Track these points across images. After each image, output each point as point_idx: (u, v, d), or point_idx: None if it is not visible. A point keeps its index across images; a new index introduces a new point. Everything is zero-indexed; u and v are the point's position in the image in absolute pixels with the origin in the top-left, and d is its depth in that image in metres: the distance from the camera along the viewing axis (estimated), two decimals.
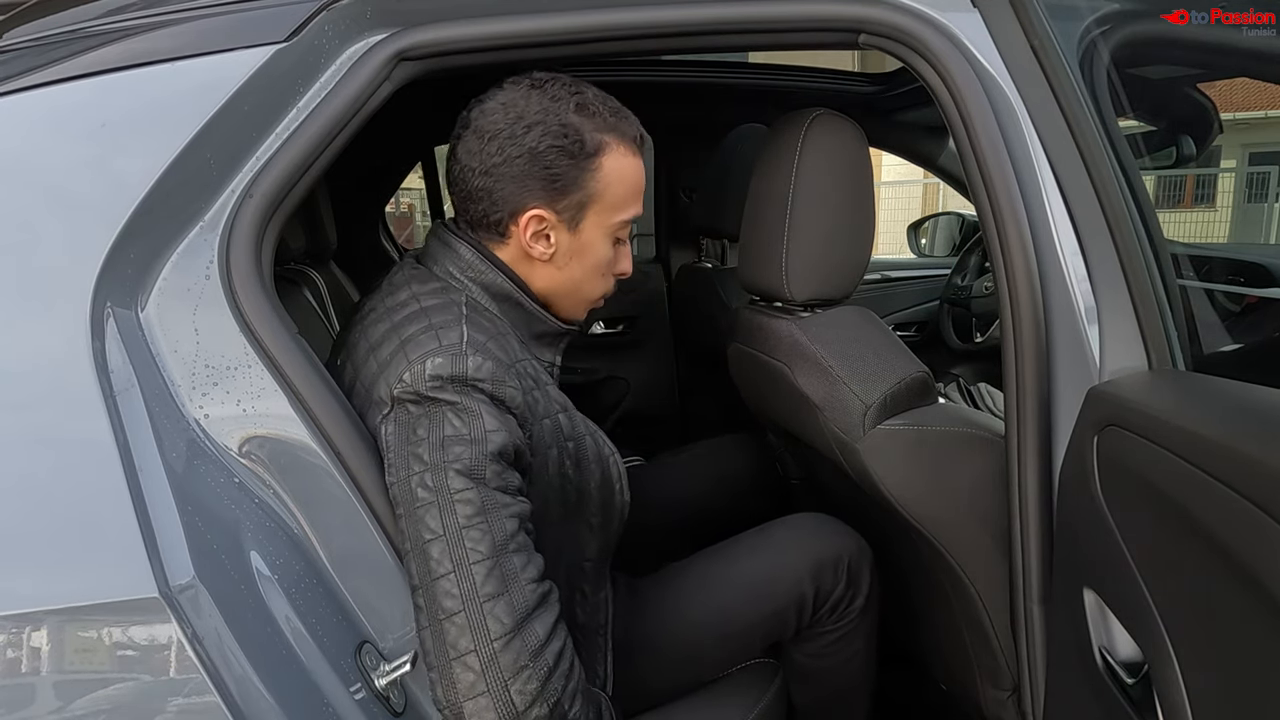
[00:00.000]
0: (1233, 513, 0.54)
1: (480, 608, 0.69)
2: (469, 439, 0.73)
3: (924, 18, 0.83)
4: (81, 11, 0.78)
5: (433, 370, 0.74)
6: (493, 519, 0.72)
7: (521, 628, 0.70)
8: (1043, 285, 0.82)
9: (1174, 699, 0.62)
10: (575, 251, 0.88)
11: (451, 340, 0.77)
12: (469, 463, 0.72)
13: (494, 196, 0.84)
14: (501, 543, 0.72)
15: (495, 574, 0.70)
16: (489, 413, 0.75)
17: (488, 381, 0.76)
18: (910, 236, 2.61)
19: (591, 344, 2.23)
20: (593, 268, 0.90)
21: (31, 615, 0.60)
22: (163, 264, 0.72)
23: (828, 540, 1.09)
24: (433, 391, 0.74)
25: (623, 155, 0.86)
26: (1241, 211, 8.85)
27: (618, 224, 0.89)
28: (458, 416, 0.74)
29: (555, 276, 0.89)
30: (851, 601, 1.07)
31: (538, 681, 0.70)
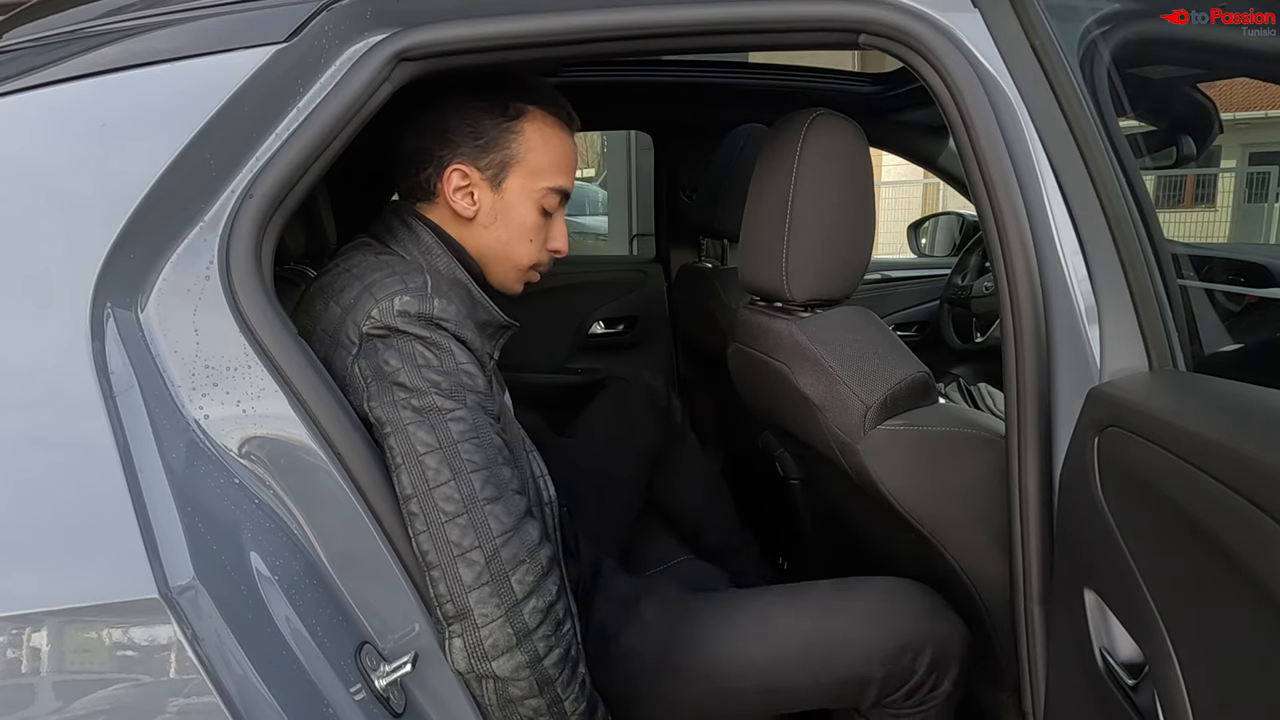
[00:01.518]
0: (1233, 513, 0.54)
1: (481, 509, 0.75)
2: (442, 369, 0.78)
3: (924, 18, 0.83)
4: (81, 11, 0.77)
5: (400, 306, 0.79)
6: (483, 435, 0.78)
7: (519, 527, 0.77)
8: (1043, 285, 0.82)
9: (1174, 699, 0.62)
10: (499, 211, 0.94)
11: (417, 284, 0.81)
12: (449, 388, 0.78)
13: (423, 155, 0.92)
14: (493, 455, 0.78)
15: (491, 481, 0.76)
16: (458, 348, 0.80)
17: (452, 323, 0.81)
18: (910, 236, 2.61)
19: (591, 344, 2.23)
20: (518, 230, 0.95)
21: (31, 616, 0.60)
22: (163, 264, 0.72)
23: (917, 621, 0.97)
24: (403, 325, 0.78)
25: (546, 125, 0.94)
26: (1241, 211, 8.85)
27: (541, 190, 0.94)
28: (428, 349, 0.79)
29: (483, 236, 0.95)
30: (933, 689, 0.96)
31: (535, 574, 0.76)
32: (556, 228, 0.99)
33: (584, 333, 2.21)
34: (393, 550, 0.77)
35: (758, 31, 0.87)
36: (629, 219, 3.41)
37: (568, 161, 0.98)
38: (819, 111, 1.02)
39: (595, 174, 6.54)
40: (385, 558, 0.76)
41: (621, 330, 2.25)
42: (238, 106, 0.74)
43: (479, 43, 0.82)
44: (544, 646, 0.77)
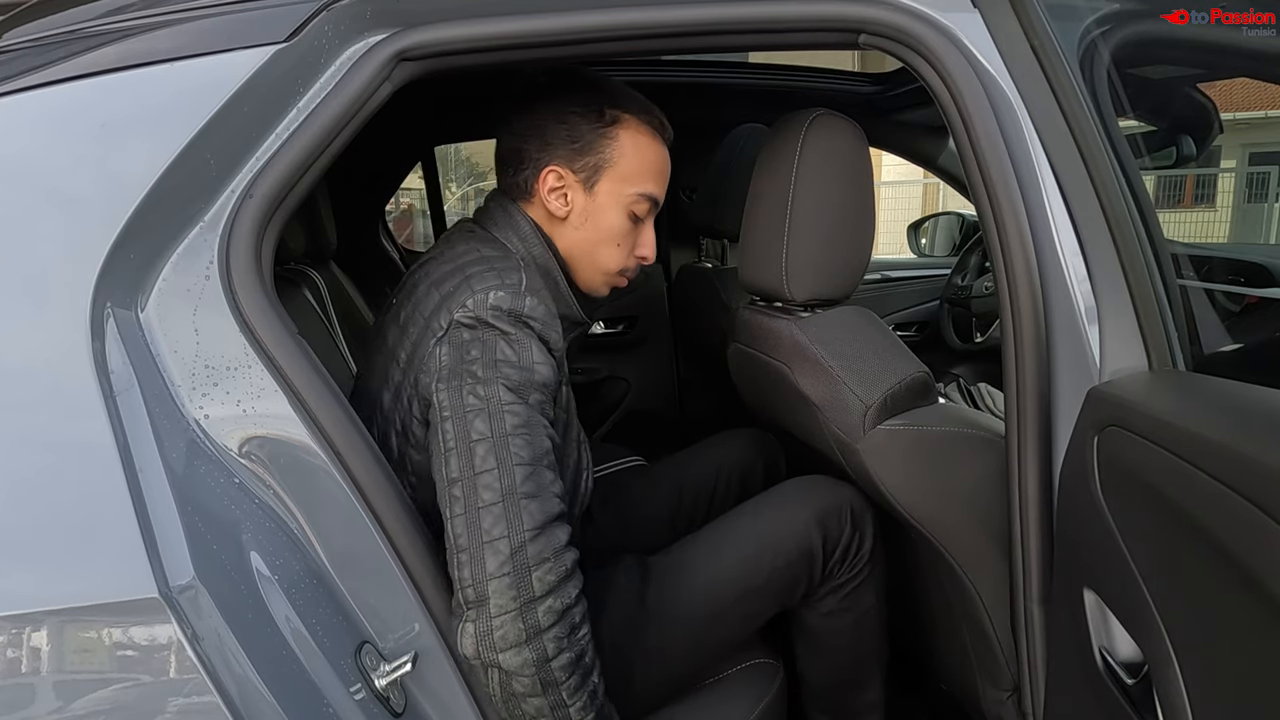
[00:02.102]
0: (1233, 513, 0.54)
1: (518, 504, 0.77)
2: (517, 365, 0.82)
3: (924, 18, 0.83)
4: (81, 12, 0.77)
5: (494, 301, 0.83)
6: (534, 433, 0.80)
7: (549, 527, 0.78)
8: (1043, 285, 0.82)
9: (1174, 699, 0.62)
10: (590, 213, 0.98)
11: (512, 281, 0.86)
12: (516, 382, 0.81)
13: (522, 155, 0.97)
14: (539, 455, 0.80)
15: (533, 479, 0.78)
16: (537, 348, 0.84)
17: (539, 322, 0.85)
18: (910, 236, 2.61)
19: (591, 344, 2.23)
20: (607, 233, 0.99)
21: (32, 616, 0.60)
22: (163, 264, 0.72)
23: (827, 491, 1.10)
24: (492, 319, 0.83)
25: (640, 132, 0.99)
26: (1241, 211, 8.85)
27: (631, 196, 0.98)
28: (509, 345, 0.82)
29: (572, 237, 0.99)
30: (860, 547, 1.07)
31: (556, 575, 0.77)
32: (645, 235, 1.03)
33: (584, 333, 2.21)
34: (393, 550, 0.77)
35: (758, 31, 0.87)
36: None
37: (659, 169, 1.02)
38: (819, 111, 1.02)
39: None
40: (385, 558, 0.76)
41: (621, 330, 2.25)
42: (238, 106, 0.74)
43: (479, 43, 0.82)
44: (554, 648, 0.77)
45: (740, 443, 1.38)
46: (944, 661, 1.21)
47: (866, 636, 1.12)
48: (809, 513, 1.07)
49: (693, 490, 1.32)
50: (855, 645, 1.12)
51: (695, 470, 1.35)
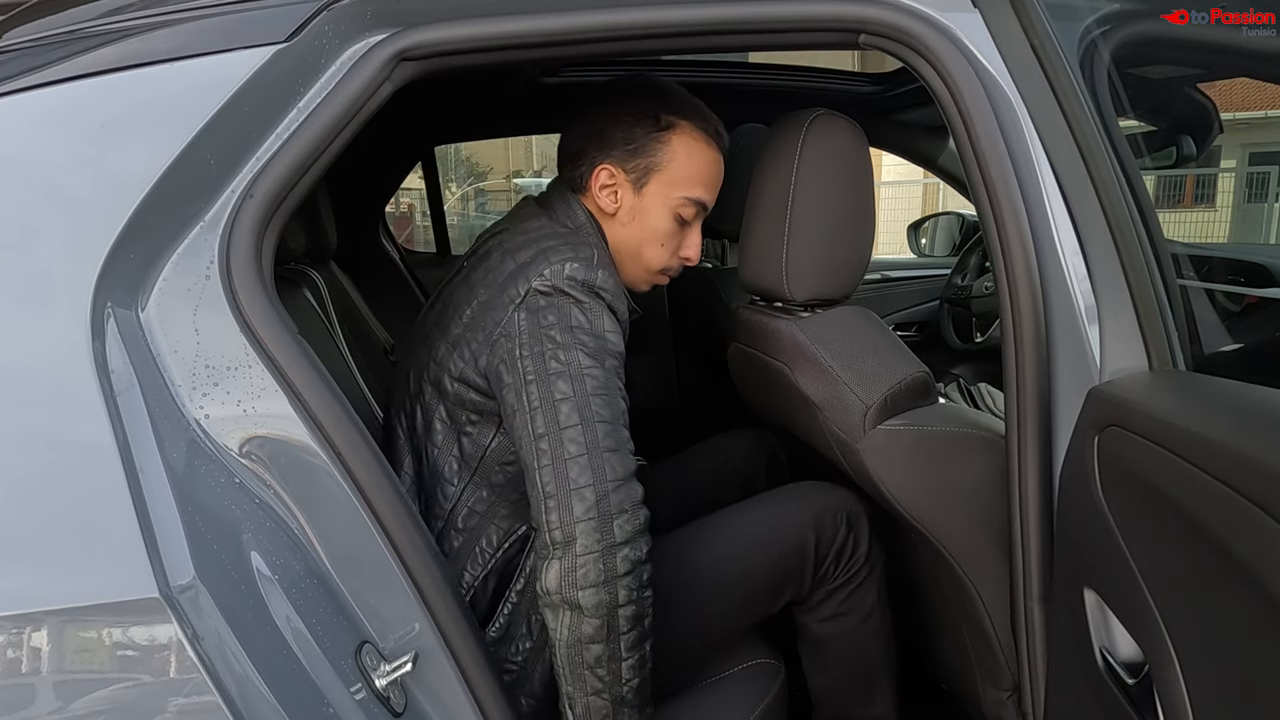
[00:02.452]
0: (1233, 513, 0.54)
1: (601, 456, 0.82)
2: (591, 332, 0.88)
3: (924, 18, 0.83)
4: (81, 11, 0.77)
5: (570, 272, 0.89)
6: (612, 395, 0.86)
7: (628, 481, 0.84)
8: (1043, 285, 0.82)
9: (1175, 699, 0.62)
10: (637, 212, 1.03)
11: (586, 255, 0.91)
12: (593, 348, 0.87)
13: (581, 152, 1.03)
14: (617, 414, 0.86)
15: (613, 435, 0.84)
16: (608, 318, 0.90)
17: (609, 294, 0.91)
18: (910, 236, 2.61)
19: None
20: (652, 233, 1.04)
21: (32, 615, 0.60)
22: (163, 264, 0.72)
23: (825, 493, 1.12)
24: (569, 288, 0.88)
25: (693, 138, 1.03)
26: (1241, 211, 8.85)
27: (679, 199, 1.03)
28: (583, 313, 0.88)
29: (620, 233, 1.04)
30: (855, 549, 1.09)
31: (634, 526, 0.82)
32: (691, 237, 1.07)
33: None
34: (393, 550, 0.77)
35: (758, 31, 0.87)
36: None
37: (709, 175, 1.05)
38: (819, 111, 1.02)
39: None
40: (385, 557, 0.76)
41: None
42: (238, 106, 0.74)
43: (479, 43, 0.82)
44: (624, 595, 0.81)
45: (742, 444, 1.38)
46: (944, 661, 1.21)
47: (870, 643, 1.11)
48: (803, 511, 1.08)
49: (694, 491, 1.32)
50: (859, 652, 1.11)
51: (697, 471, 1.35)
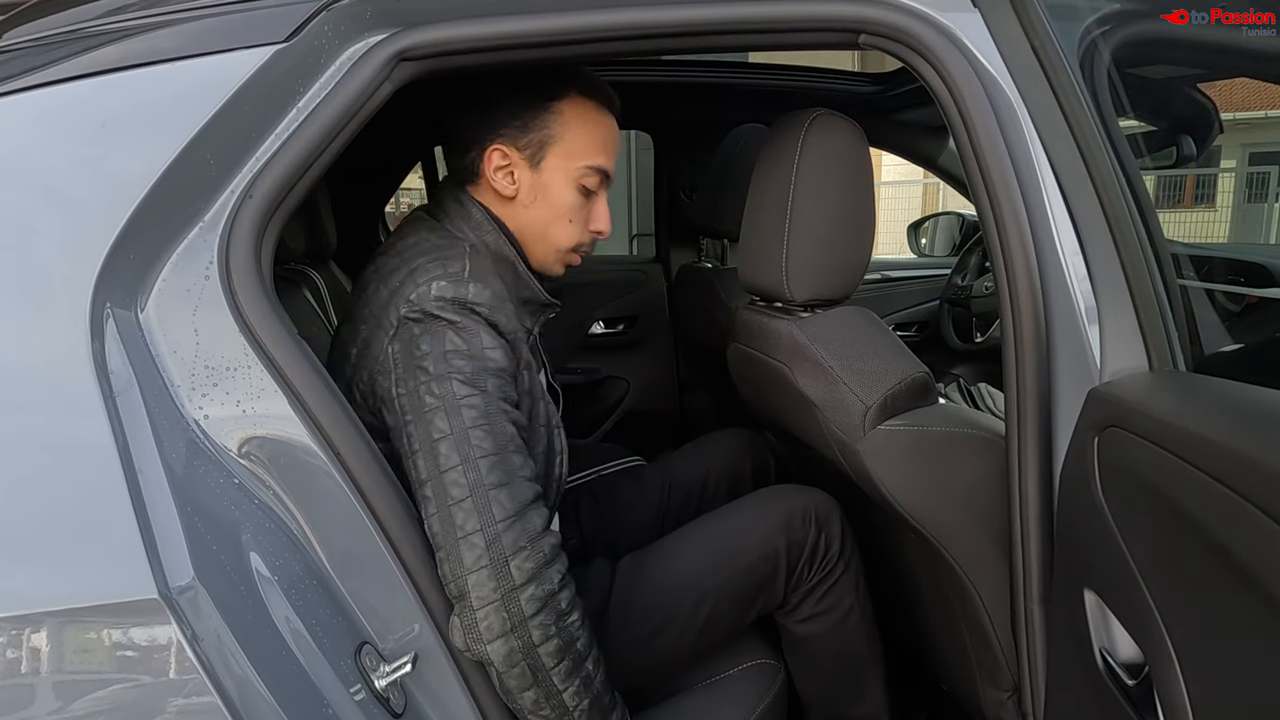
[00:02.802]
0: (1233, 513, 0.54)
1: (486, 494, 0.77)
2: (468, 354, 0.82)
3: (924, 18, 0.83)
4: (81, 11, 0.77)
5: (437, 291, 0.83)
6: (495, 422, 0.80)
7: (522, 514, 0.79)
8: (1043, 285, 0.82)
9: (1175, 700, 0.62)
10: (538, 190, 0.97)
11: (455, 269, 0.85)
12: (470, 374, 0.81)
13: (468, 142, 0.96)
14: (504, 443, 0.80)
15: (499, 468, 0.79)
16: (486, 333, 0.84)
17: (485, 307, 0.84)
18: (910, 236, 2.61)
19: (591, 344, 2.23)
20: (557, 209, 0.98)
21: (31, 616, 0.60)
22: (162, 264, 0.72)
23: (791, 496, 1.11)
24: (437, 310, 0.82)
25: (585, 105, 0.97)
26: (1241, 211, 8.85)
27: (580, 169, 0.97)
28: (458, 335, 0.82)
29: (523, 216, 0.98)
30: (828, 549, 1.08)
31: (534, 562, 0.78)
32: (598, 209, 1.02)
33: (584, 333, 2.21)
34: (393, 550, 0.77)
35: (758, 31, 0.86)
36: (629, 219, 3.41)
37: (607, 141, 1.00)
38: (819, 111, 1.02)
39: None
40: (385, 558, 0.76)
41: (621, 330, 2.25)
42: (238, 106, 0.74)
43: (479, 43, 0.82)
44: (539, 635, 0.77)
45: (729, 445, 1.38)
46: (944, 661, 1.21)
47: (852, 639, 1.11)
48: (771, 517, 1.08)
49: (681, 492, 1.32)
50: (842, 650, 1.11)
51: (684, 473, 1.35)
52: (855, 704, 1.14)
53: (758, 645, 1.13)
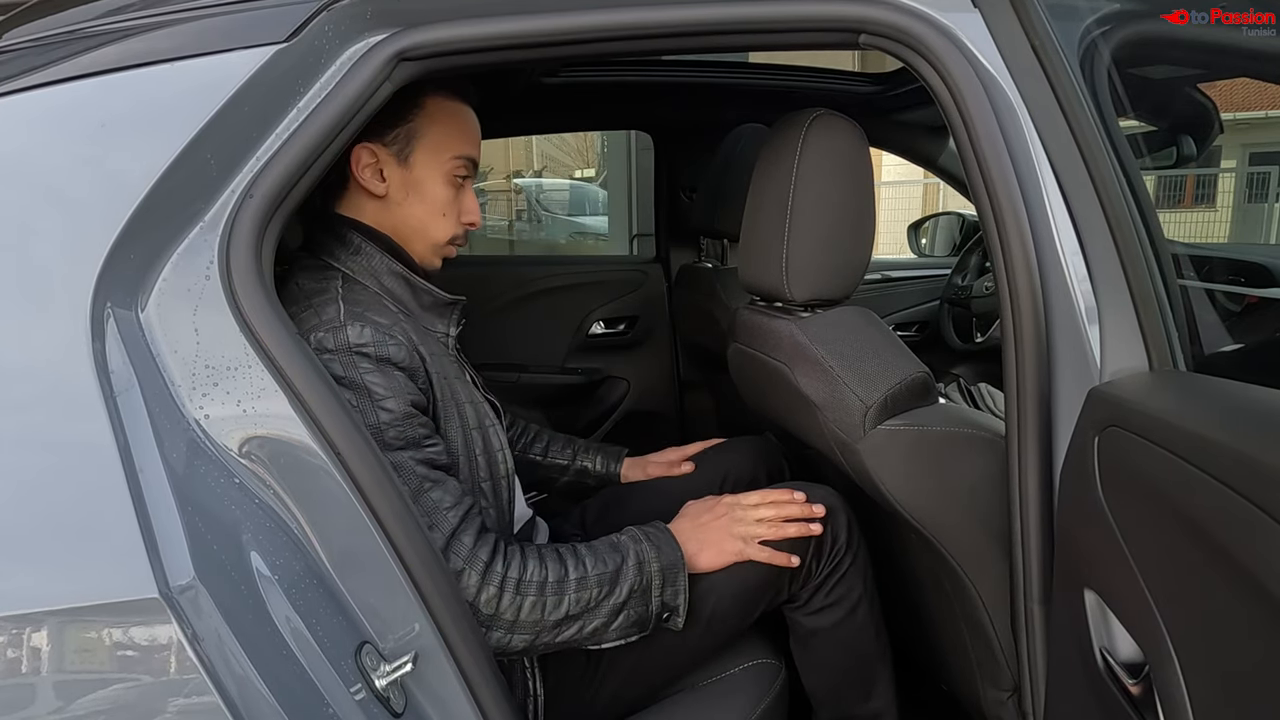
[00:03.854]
0: (1233, 513, 0.54)
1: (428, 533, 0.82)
2: (360, 408, 0.84)
3: (924, 18, 0.83)
4: (81, 11, 0.77)
5: (316, 344, 0.84)
6: (405, 471, 0.85)
7: (450, 543, 0.86)
8: (1043, 285, 0.82)
9: (1175, 700, 0.62)
10: (410, 186, 0.98)
11: (329, 314, 0.86)
12: (370, 427, 0.82)
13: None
14: (418, 486, 0.85)
15: (421, 511, 0.84)
16: (373, 381, 0.85)
17: (370, 345, 0.85)
18: (910, 236, 2.61)
19: (591, 344, 2.23)
20: (433, 204, 0.99)
21: (32, 616, 0.60)
22: (163, 264, 0.72)
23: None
24: (323, 364, 0.81)
25: (445, 97, 0.98)
26: (1241, 211, 8.84)
27: (450, 162, 0.98)
28: (347, 390, 0.84)
29: (397, 214, 0.98)
30: (834, 541, 1.08)
31: (477, 574, 0.86)
32: (467, 201, 1.03)
33: (584, 333, 2.21)
34: (393, 550, 0.77)
35: (758, 31, 0.87)
36: (629, 219, 3.41)
37: (471, 131, 1.01)
38: (819, 111, 1.02)
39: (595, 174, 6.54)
40: (385, 558, 0.76)
41: (621, 330, 2.25)
42: (238, 106, 0.74)
43: (479, 43, 0.82)
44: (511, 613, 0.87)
45: (743, 452, 1.38)
46: (944, 661, 1.21)
47: (861, 634, 1.11)
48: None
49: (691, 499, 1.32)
50: (851, 644, 1.11)
51: (698, 481, 1.34)
52: (864, 700, 1.14)
53: (758, 645, 1.13)
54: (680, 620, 0.96)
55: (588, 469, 1.37)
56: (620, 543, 0.96)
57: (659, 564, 0.95)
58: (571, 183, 6.80)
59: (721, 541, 1.02)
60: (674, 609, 0.96)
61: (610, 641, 0.94)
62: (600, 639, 0.93)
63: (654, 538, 0.98)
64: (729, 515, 1.04)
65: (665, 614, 0.96)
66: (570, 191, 6.61)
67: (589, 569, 0.92)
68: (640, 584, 0.93)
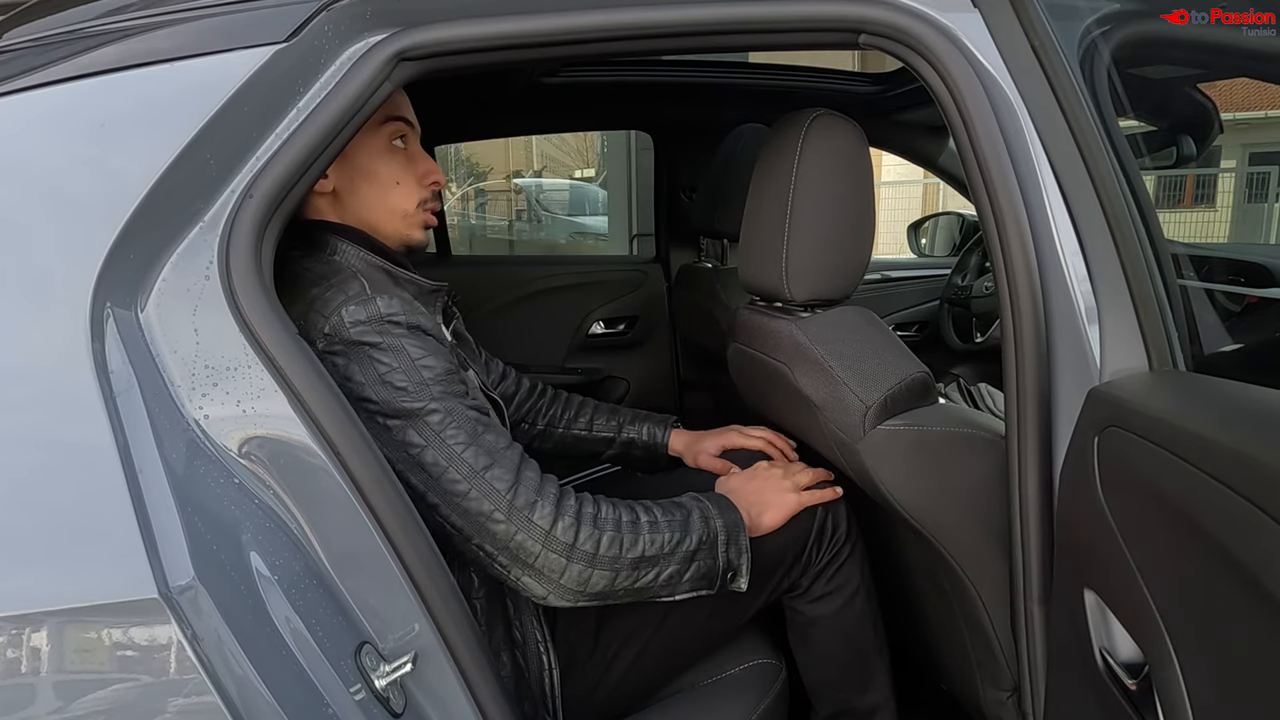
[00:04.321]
0: (1233, 513, 0.54)
1: (482, 479, 0.84)
2: (402, 369, 0.84)
3: (924, 18, 0.83)
4: (81, 11, 0.77)
5: (350, 317, 0.83)
6: (458, 416, 0.85)
7: (519, 477, 0.86)
8: (1043, 285, 0.82)
9: (1174, 700, 0.62)
10: (353, 173, 0.94)
11: (355, 289, 0.86)
12: (414, 388, 0.84)
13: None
14: (473, 430, 0.86)
15: (482, 453, 0.85)
16: (410, 343, 0.85)
17: (400, 314, 0.85)
18: (910, 236, 2.61)
19: (591, 344, 2.23)
20: (380, 181, 0.96)
21: (31, 616, 0.60)
22: (162, 264, 0.72)
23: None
24: (358, 336, 0.83)
25: None
26: (1241, 211, 8.84)
27: (377, 131, 0.94)
28: (384, 355, 0.84)
29: (355, 204, 0.96)
30: (836, 528, 1.10)
31: (550, 504, 0.86)
32: (422, 163, 0.99)
33: (584, 333, 2.21)
34: (393, 550, 0.77)
35: (758, 31, 0.87)
36: (629, 219, 3.41)
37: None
38: (819, 111, 1.02)
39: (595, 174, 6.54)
40: (385, 558, 0.76)
41: (621, 330, 2.25)
42: (238, 106, 0.74)
43: (479, 43, 0.82)
44: (591, 544, 0.86)
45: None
46: (944, 662, 1.21)
47: (859, 625, 1.12)
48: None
49: None
50: (849, 634, 1.12)
51: (701, 477, 1.34)
52: (862, 693, 1.14)
53: (758, 645, 1.13)
54: (744, 581, 0.96)
55: (634, 440, 1.35)
56: (683, 501, 0.97)
57: (722, 520, 0.95)
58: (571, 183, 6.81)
59: (781, 497, 1.04)
60: (737, 568, 0.96)
61: (683, 593, 0.93)
62: (675, 589, 0.92)
63: (714, 499, 0.99)
64: (775, 475, 1.07)
65: (729, 572, 0.95)
66: (570, 191, 6.61)
67: (659, 516, 0.92)
68: (707, 536, 0.93)
